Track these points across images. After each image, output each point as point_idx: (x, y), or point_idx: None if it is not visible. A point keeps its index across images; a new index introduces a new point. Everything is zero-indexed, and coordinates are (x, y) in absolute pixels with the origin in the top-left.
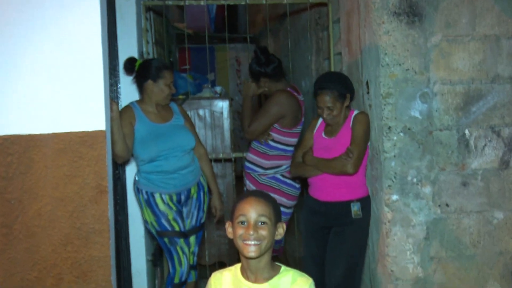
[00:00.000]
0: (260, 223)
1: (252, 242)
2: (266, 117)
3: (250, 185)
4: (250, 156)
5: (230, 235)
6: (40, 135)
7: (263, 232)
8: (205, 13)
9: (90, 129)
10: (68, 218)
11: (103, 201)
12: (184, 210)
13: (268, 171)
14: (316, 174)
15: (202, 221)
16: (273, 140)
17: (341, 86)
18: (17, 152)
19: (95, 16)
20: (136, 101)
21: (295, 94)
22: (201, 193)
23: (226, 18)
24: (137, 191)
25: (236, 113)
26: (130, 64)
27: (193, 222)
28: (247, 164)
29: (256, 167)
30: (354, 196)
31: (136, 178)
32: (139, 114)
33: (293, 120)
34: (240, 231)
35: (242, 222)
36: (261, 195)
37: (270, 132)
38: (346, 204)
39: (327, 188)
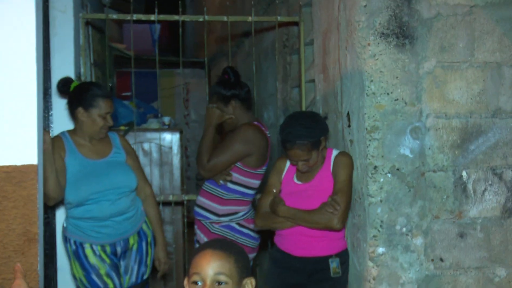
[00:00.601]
0: (218, 283)
1: None
2: (229, 153)
3: (200, 235)
4: (201, 200)
5: None
6: None
7: None
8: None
9: (18, 163)
10: None
11: (31, 252)
12: (122, 264)
13: (222, 219)
14: (288, 226)
15: (145, 277)
16: (231, 182)
17: (314, 133)
18: None
19: (29, 28)
20: (68, 131)
21: (263, 129)
22: (143, 244)
23: (180, 35)
24: (64, 240)
25: (185, 149)
26: (64, 85)
27: (133, 279)
28: (197, 209)
29: (208, 213)
30: (332, 250)
31: (64, 225)
32: (69, 146)
33: (259, 160)
34: None
35: (196, 283)
36: (221, 246)
37: (231, 171)
38: (324, 260)
39: (301, 242)
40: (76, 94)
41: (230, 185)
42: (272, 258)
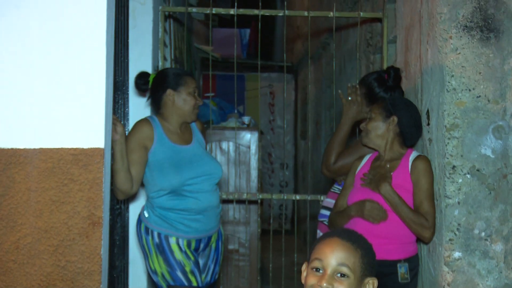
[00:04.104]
0: (339, 275)
1: None
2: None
3: None
4: (329, 201)
5: (302, 281)
6: (24, 150)
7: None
8: (236, 36)
9: (85, 146)
10: (52, 254)
11: (95, 236)
12: (200, 261)
13: None
14: (346, 223)
15: (216, 277)
16: None
17: (393, 104)
18: None
19: (100, 16)
20: (156, 116)
21: None
22: (220, 243)
23: (259, 30)
24: (146, 231)
25: (268, 155)
26: (142, 79)
27: (208, 278)
28: (323, 212)
29: None
30: (402, 255)
31: (146, 215)
32: (159, 132)
33: None
34: (312, 280)
35: (317, 269)
36: (349, 237)
37: None
38: (391, 264)
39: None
40: (161, 79)
41: None
42: None
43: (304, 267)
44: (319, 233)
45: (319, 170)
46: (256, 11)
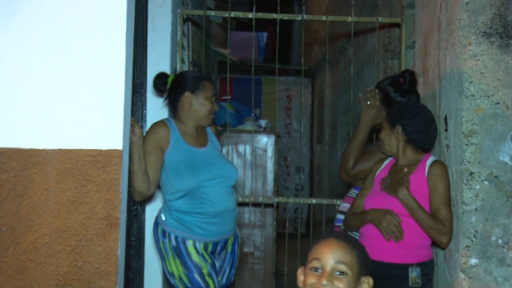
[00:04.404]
0: (338, 273)
1: None
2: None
3: None
4: (346, 206)
5: (301, 284)
6: (43, 150)
7: (340, 285)
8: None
9: (104, 147)
10: (69, 254)
11: (112, 236)
12: (216, 264)
13: None
14: (361, 225)
15: (232, 279)
16: None
17: (397, 113)
18: (14, 169)
19: (119, 18)
20: (173, 118)
21: None
22: (236, 246)
23: (277, 34)
24: (163, 234)
25: (284, 159)
26: (160, 80)
27: (224, 280)
28: (339, 216)
29: None
30: (413, 259)
31: (163, 218)
32: (175, 134)
33: None
34: (312, 279)
35: (316, 269)
36: (345, 238)
37: None
38: (403, 268)
39: (381, 244)
40: (180, 81)
41: None
42: None
43: (299, 271)
44: None
45: (335, 174)
46: (274, 15)
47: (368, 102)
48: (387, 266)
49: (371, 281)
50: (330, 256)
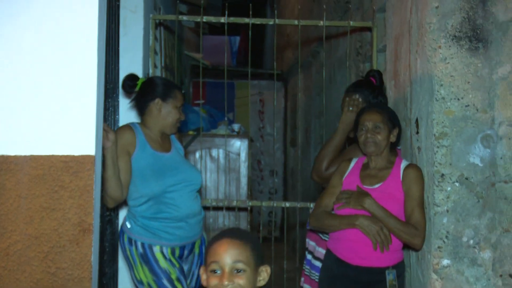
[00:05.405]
0: (236, 271)
1: None
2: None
3: (310, 243)
4: None
5: (205, 283)
6: (14, 157)
7: (241, 282)
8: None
9: (76, 153)
10: (42, 260)
11: (86, 243)
12: (184, 267)
13: None
14: (341, 229)
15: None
16: None
17: (393, 115)
18: None
19: (91, 23)
20: (138, 123)
21: None
22: (203, 248)
23: (249, 39)
24: (129, 242)
25: (258, 162)
26: (131, 81)
27: (193, 283)
28: None
29: None
30: (390, 262)
31: (128, 225)
32: (140, 138)
33: None
34: (214, 281)
35: (216, 271)
36: (238, 234)
37: None
38: (380, 271)
39: (361, 250)
40: (151, 86)
41: None
42: (325, 265)
43: (201, 270)
44: (308, 241)
45: (308, 178)
46: (247, 20)
47: (351, 108)
48: (366, 271)
49: (268, 269)
50: (227, 256)
